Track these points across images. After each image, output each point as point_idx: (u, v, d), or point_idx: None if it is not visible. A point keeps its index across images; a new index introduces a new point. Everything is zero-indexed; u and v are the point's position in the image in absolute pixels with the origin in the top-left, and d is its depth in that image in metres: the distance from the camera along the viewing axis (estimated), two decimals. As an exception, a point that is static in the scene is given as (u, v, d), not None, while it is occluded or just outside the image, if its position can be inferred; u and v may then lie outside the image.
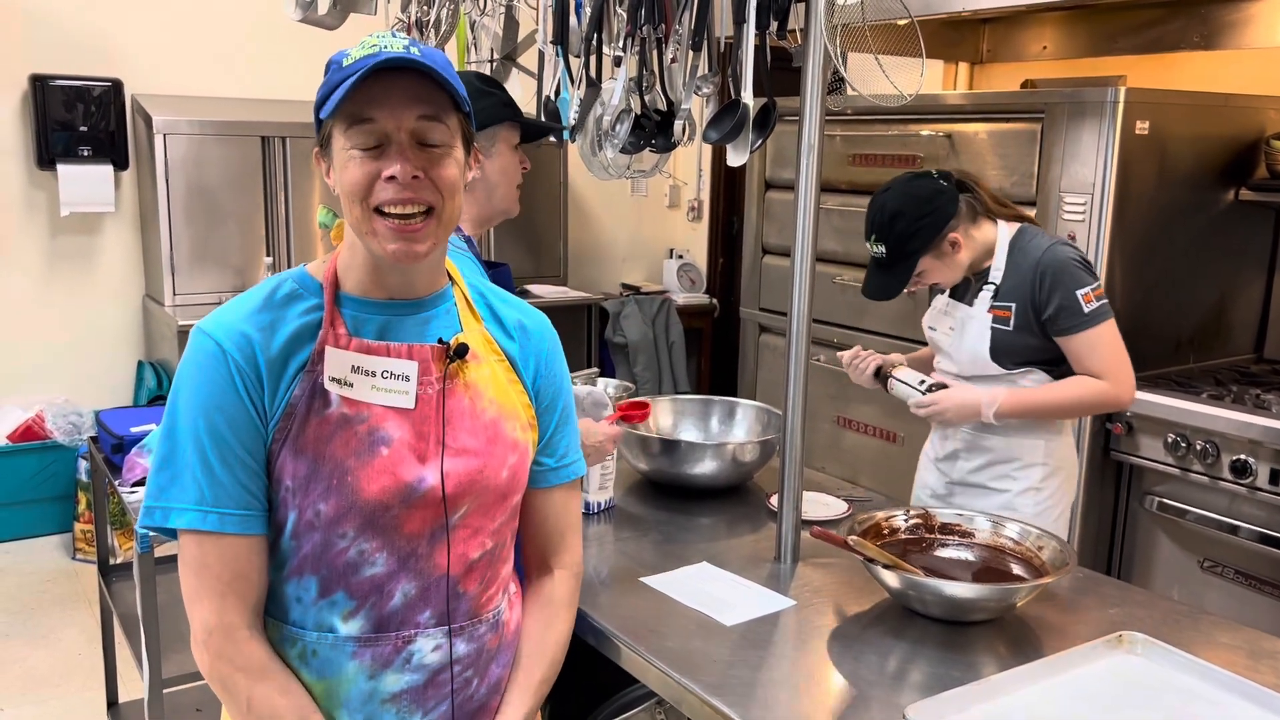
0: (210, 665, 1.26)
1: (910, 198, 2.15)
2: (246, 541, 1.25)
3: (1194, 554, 2.91)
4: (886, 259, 2.17)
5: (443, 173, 1.24)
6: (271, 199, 4.59)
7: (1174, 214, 3.11)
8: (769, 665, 1.52)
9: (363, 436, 1.25)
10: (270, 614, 1.31)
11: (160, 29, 4.66)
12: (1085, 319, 2.10)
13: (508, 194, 1.93)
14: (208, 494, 1.23)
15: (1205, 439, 2.80)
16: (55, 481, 4.38)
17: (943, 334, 2.30)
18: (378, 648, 1.29)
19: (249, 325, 1.26)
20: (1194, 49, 3.42)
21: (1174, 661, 1.47)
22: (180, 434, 1.24)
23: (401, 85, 1.21)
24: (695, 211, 5.95)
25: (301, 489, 1.24)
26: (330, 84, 1.23)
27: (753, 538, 2.01)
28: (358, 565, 1.27)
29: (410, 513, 1.27)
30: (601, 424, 2.03)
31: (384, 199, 1.22)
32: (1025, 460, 2.23)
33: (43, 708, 3.16)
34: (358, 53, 1.23)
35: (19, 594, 3.90)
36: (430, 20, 2.74)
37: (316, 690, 1.30)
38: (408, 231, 1.23)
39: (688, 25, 2.13)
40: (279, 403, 1.24)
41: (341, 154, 1.23)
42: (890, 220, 2.14)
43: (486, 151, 1.87)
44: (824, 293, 3.70)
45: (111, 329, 4.78)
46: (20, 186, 4.50)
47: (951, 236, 2.16)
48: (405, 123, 1.22)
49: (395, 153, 1.22)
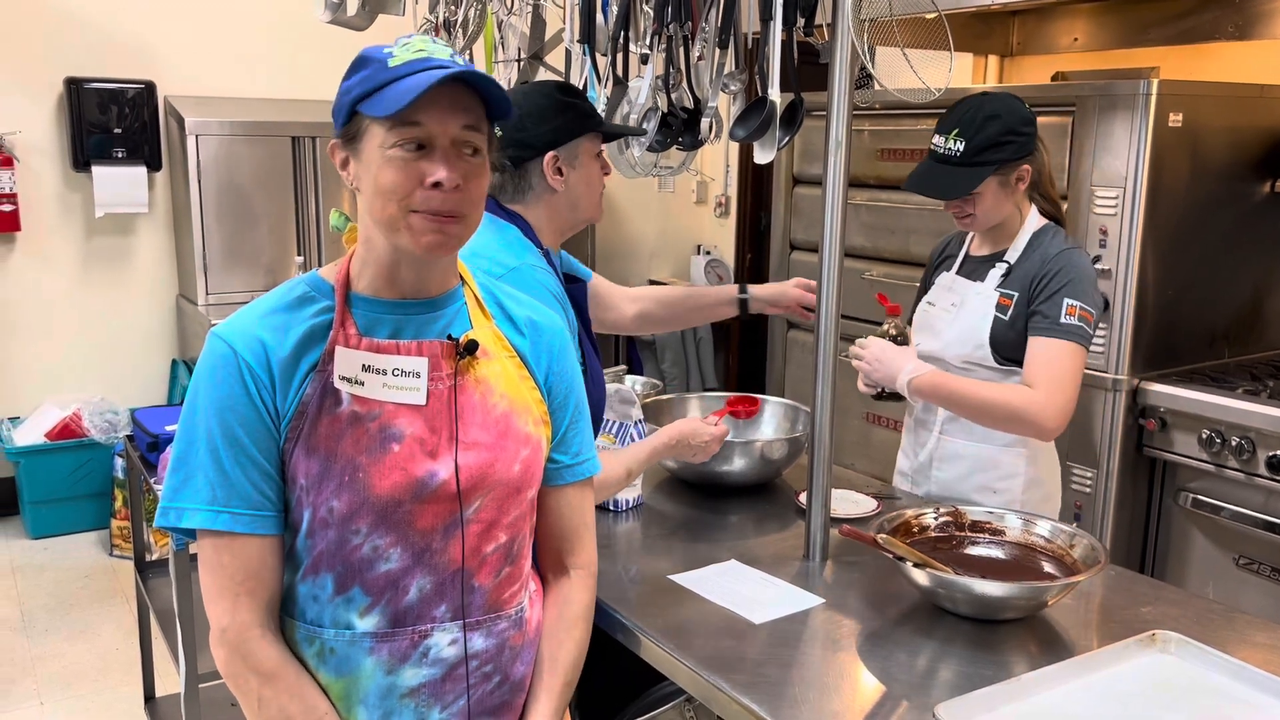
0: (225, 663, 1.29)
1: (1011, 109, 2.04)
2: (259, 542, 1.27)
3: (1229, 551, 2.87)
4: (960, 157, 2.03)
5: (477, 185, 1.29)
6: (302, 198, 4.63)
7: (1208, 207, 3.07)
8: (798, 663, 1.52)
9: (374, 434, 1.27)
10: (288, 613, 1.33)
11: (192, 31, 4.72)
12: (1057, 327, 2.01)
13: (591, 203, 1.92)
14: (219, 494, 1.25)
15: (1240, 435, 2.76)
16: (92, 479, 4.45)
17: (941, 310, 2.22)
18: (394, 642, 1.30)
19: (261, 328, 1.28)
20: (1228, 39, 3.37)
21: (1208, 661, 1.45)
22: (194, 436, 1.27)
23: (449, 93, 1.24)
24: (723, 207, 5.94)
25: (315, 487, 1.26)
26: (374, 81, 1.24)
27: (781, 536, 2.01)
28: (372, 561, 1.28)
29: (423, 508, 1.28)
30: (708, 422, 2.05)
31: (429, 206, 1.25)
32: (1006, 470, 2.16)
33: (81, 702, 3.21)
34: (403, 55, 1.25)
35: (57, 590, 3.97)
36: (458, 20, 2.75)
37: (335, 689, 1.31)
38: (441, 224, 1.26)
39: (714, 22, 2.13)
40: (291, 402, 1.27)
41: (378, 151, 1.25)
42: (984, 120, 2.02)
43: (570, 164, 1.85)
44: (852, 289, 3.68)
45: (146, 328, 4.84)
46: (56, 188, 4.57)
47: (1023, 169, 2.07)
48: (450, 130, 1.24)
49: (440, 158, 1.24)
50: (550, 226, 1.90)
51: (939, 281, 2.28)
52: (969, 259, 2.24)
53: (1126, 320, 2.98)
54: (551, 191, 1.86)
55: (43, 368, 4.64)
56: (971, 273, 2.21)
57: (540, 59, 2.78)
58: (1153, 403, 2.96)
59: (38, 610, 3.79)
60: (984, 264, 2.18)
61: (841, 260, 1.82)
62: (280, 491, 1.28)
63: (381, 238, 1.29)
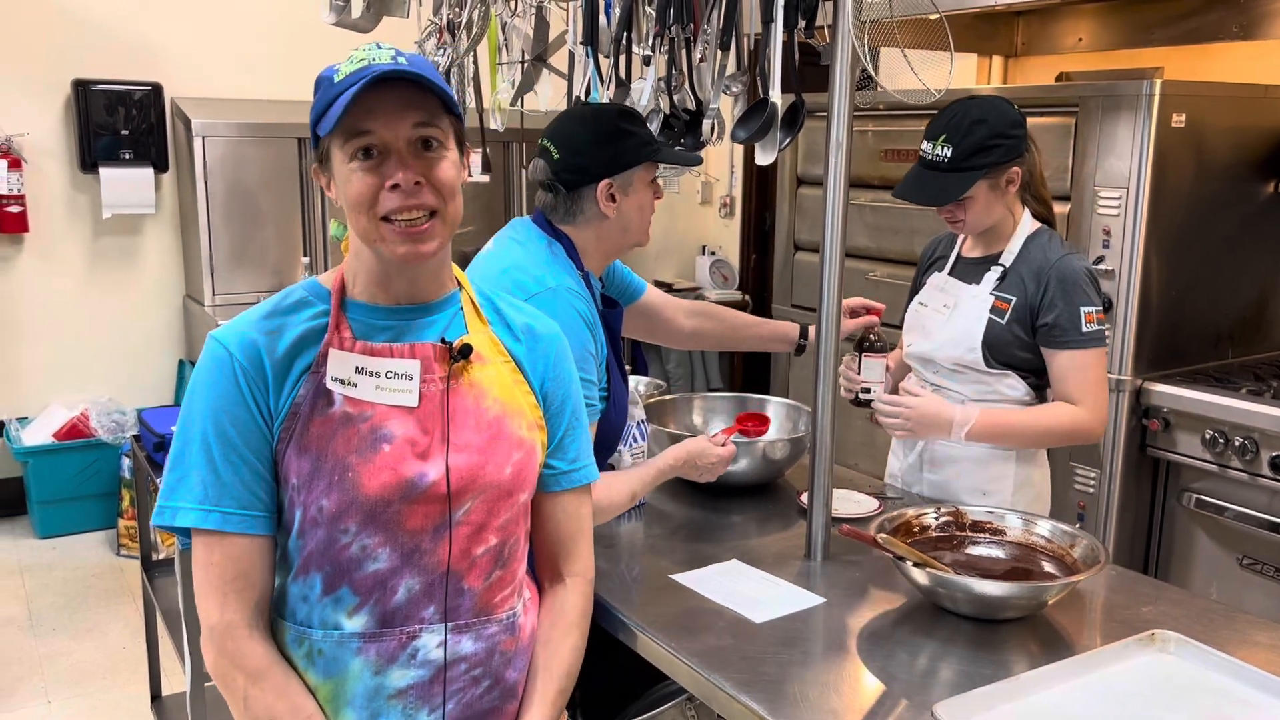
0: (213, 662, 1.30)
1: (998, 113, 2.05)
2: (249, 541, 1.28)
3: (1233, 552, 2.87)
4: (948, 163, 2.05)
5: (441, 175, 1.28)
6: (308, 199, 4.65)
7: (1211, 207, 3.07)
8: (799, 662, 1.52)
9: (365, 434, 1.28)
10: (279, 614, 1.34)
11: (199, 33, 4.74)
12: (1081, 338, 2.03)
13: (640, 228, 1.93)
14: (211, 493, 1.27)
15: (1244, 435, 2.76)
16: (99, 479, 4.47)
17: (933, 311, 2.21)
18: (382, 643, 1.31)
19: (256, 331, 1.30)
20: (1232, 39, 3.37)
21: (1207, 661, 1.45)
22: (189, 436, 1.28)
23: (394, 95, 1.24)
24: (727, 208, 5.94)
25: (305, 486, 1.28)
26: (324, 101, 1.26)
27: (783, 535, 2.01)
28: (360, 561, 1.29)
29: (412, 509, 1.29)
30: (715, 441, 2.04)
31: (389, 208, 1.26)
32: (995, 471, 2.16)
33: (88, 701, 3.23)
34: (347, 68, 1.26)
35: (65, 589, 3.99)
36: (461, 22, 2.76)
37: (323, 691, 1.32)
38: (414, 233, 1.27)
39: (716, 24, 2.14)
40: (284, 403, 1.28)
41: (343, 168, 1.27)
42: (970, 125, 2.03)
43: (624, 191, 1.86)
44: (855, 289, 3.69)
45: (153, 329, 4.86)
46: (64, 189, 4.59)
47: (1013, 172, 2.07)
48: (402, 131, 1.25)
49: (395, 162, 1.25)
50: (598, 249, 1.91)
51: (931, 282, 2.27)
52: (961, 260, 2.24)
53: (1130, 321, 2.98)
54: (603, 217, 1.87)
55: (50, 368, 4.66)
56: (965, 275, 2.20)
57: (544, 61, 2.79)
58: (1156, 403, 2.96)
59: (45, 609, 3.82)
60: (977, 266, 2.18)
61: (843, 261, 1.82)
62: (272, 492, 1.30)
63: (367, 249, 1.31)
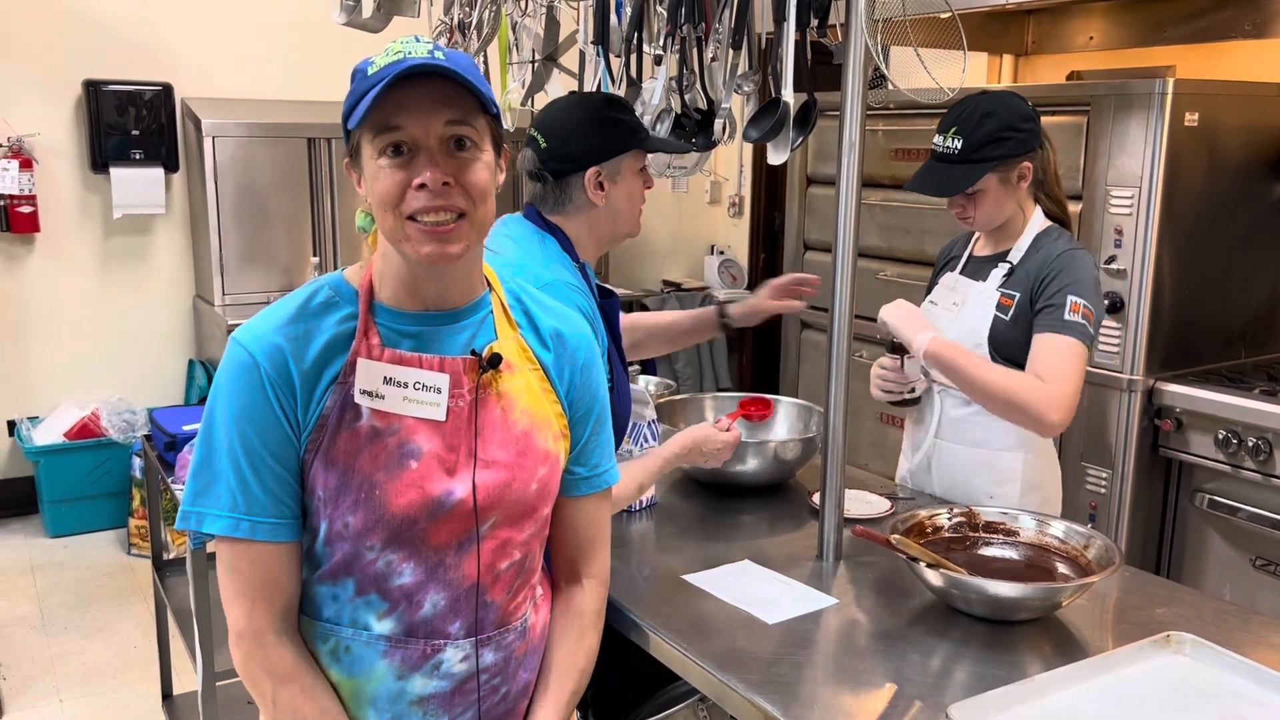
0: (241, 665, 1.29)
1: (1008, 106, 2.05)
2: (277, 549, 1.27)
3: (1246, 552, 2.86)
4: (958, 155, 2.05)
5: (473, 178, 1.23)
6: (318, 199, 4.66)
7: (1224, 206, 3.06)
8: (811, 663, 1.52)
9: (392, 450, 1.26)
10: (304, 611, 1.33)
11: (209, 34, 4.75)
12: (1062, 324, 2.00)
13: (631, 218, 1.91)
14: (240, 502, 1.25)
15: (1257, 435, 2.75)
16: (110, 478, 4.48)
17: (944, 309, 2.22)
18: (408, 650, 1.30)
19: (282, 336, 1.26)
20: (1245, 38, 3.35)
21: (1223, 662, 1.45)
22: (216, 442, 1.26)
23: (428, 91, 1.20)
24: (736, 207, 5.93)
25: (332, 500, 1.26)
26: (356, 93, 1.22)
27: (795, 536, 2.01)
28: (386, 575, 1.28)
29: (437, 526, 1.28)
30: (719, 426, 2.03)
31: (415, 207, 1.21)
32: (1002, 474, 2.14)
33: (100, 700, 3.24)
34: (382, 60, 1.21)
35: (76, 588, 4.00)
36: (472, 22, 2.76)
37: (345, 689, 1.31)
38: (441, 234, 1.22)
39: (728, 23, 2.13)
40: (312, 414, 1.25)
41: (371, 164, 1.23)
42: (981, 118, 2.04)
43: (612, 179, 1.84)
44: (866, 289, 3.68)
45: (163, 328, 4.88)
46: (74, 189, 4.60)
47: (1024, 167, 2.07)
48: (433, 129, 1.20)
49: (425, 160, 1.21)
50: (590, 239, 1.90)
51: (942, 281, 2.29)
52: (972, 259, 2.24)
53: (1142, 320, 2.96)
54: (592, 206, 1.86)
55: (61, 367, 4.68)
56: (974, 272, 2.21)
57: (554, 60, 2.78)
58: (1169, 403, 2.95)
59: (57, 608, 3.83)
60: (987, 264, 2.18)
61: (855, 260, 1.82)
62: (299, 498, 1.28)
63: (395, 252, 1.27)
